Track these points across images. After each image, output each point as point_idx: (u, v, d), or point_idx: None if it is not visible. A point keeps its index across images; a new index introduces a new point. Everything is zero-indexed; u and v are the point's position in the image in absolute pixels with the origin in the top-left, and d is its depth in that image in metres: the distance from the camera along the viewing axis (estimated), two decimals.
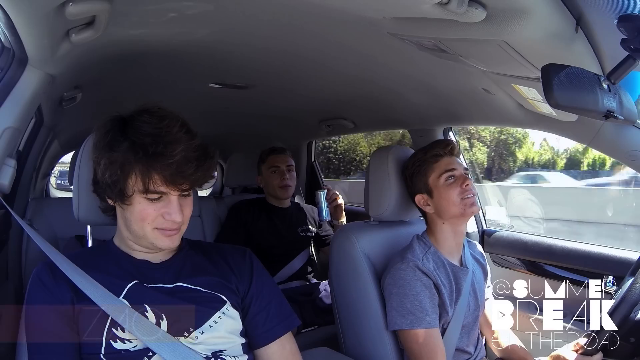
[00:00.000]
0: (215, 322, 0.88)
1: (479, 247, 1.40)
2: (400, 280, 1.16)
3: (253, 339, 0.95)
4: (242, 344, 0.91)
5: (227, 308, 0.90)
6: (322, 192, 1.94)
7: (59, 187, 4.79)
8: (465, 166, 1.27)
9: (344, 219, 2.01)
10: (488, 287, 1.36)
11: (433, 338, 1.14)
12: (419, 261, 1.16)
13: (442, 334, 1.18)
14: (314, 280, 2.02)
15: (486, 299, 1.34)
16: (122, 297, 0.84)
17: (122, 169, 0.81)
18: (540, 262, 1.59)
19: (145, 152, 0.80)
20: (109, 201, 0.89)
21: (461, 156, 1.50)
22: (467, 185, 1.20)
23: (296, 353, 0.97)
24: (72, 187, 1.01)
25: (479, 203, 1.24)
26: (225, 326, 0.89)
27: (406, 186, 1.30)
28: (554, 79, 0.74)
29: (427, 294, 1.15)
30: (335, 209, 1.98)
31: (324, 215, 1.93)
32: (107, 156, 0.83)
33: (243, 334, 0.92)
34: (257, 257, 1.01)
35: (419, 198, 1.26)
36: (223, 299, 0.91)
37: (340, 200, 2.00)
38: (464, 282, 1.22)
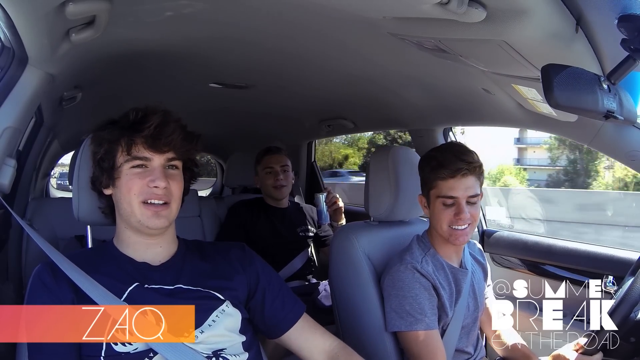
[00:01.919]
0: (214, 320, 0.88)
1: (478, 245, 1.39)
2: (399, 282, 1.15)
3: (279, 324, 0.97)
4: (242, 342, 0.92)
5: (226, 306, 0.91)
6: (322, 195, 1.92)
7: (59, 187, 4.86)
8: (477, 191, 1.15)
9: (343, 221, 2.00)
10: (488, 286, 1.36)
11: (432, 339, 1.14)
12: (417, 263, 1.16)
13: (442, 335, 1.18)
14: (314, 280, 2.02)
15: (486, 298, 1.34)
16: (123, 300, 0.85)
17: (110, 142, 0.90)
18: (540, 262, 1.59)
19: (127, 122, 0.90)
20: (105, 191, 0.91)
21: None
22: (460, 218, 1.13)
23: (317, 323, 1.02)
24: (71, 187, 1.01)
25: (473, 230, 1.17)
26: (224, 324, 0.89)
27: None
28: (554, 79, 0.74)
29: (425, 295, 1.14)
30: (334, 212, 1.97)
31: (324, 219, 1.92)
32: (97, 135, 0.92)
33: (242, 331, 0.93)
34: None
35: (420, 198, 1.24)
36: (221, 297, 0.91)
37: (341, 203, 1.98)
38: (464, 283, 1.22)
